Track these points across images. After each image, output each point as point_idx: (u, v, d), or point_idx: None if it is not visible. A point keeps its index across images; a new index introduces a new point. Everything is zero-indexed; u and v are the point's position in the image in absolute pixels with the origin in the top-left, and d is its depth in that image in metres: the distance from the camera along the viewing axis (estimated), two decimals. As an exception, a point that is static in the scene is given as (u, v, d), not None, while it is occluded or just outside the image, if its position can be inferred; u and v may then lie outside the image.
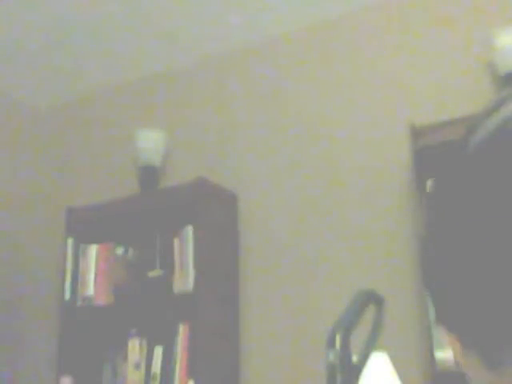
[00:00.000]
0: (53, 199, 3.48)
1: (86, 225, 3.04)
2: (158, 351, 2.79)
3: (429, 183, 2.41)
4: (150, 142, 3.11)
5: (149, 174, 3.08)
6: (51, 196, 3.49)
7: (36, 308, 3.33)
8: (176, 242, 2.81)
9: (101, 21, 3.03)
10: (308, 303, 2.74)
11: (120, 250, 2.98)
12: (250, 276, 2.89)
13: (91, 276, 2.94)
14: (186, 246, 2.77)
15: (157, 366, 2.77)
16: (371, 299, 1.01)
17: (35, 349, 3.27)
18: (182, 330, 2.75)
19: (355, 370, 0.94)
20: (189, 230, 2.78)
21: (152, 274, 2.86)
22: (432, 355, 2.19)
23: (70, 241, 3.00)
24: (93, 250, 2.99)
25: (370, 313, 2.58)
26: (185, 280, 2.71)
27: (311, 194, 2.86)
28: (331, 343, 0.92)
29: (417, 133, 2.39)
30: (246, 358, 2.80)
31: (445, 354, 2.18)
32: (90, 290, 2.92)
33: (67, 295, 2.93)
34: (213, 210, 2.83)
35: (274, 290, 2.82)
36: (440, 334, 2.20)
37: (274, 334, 2.77)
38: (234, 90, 3.19)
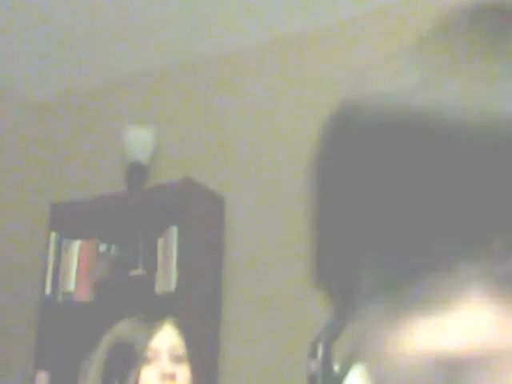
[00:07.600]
0: (38, 193, 3.47)
1: (69, 220, 3.04)
2: (137, 350, 2.79)
3: None
4: (139, 140, 3.11)
5: (136, 172, 3.08)
6: (36, 190, 3.48)
7: (16, 301, 3.32)
8: (160, 241, 2.81)
9: (94, 20, 3.04)
10: (292, 305, 2.75)
11: (103, 247, 2.97)
12: (233, 278, 2.90)
13: (73, 272, 2.94)
14: (170, 246, 2.77)
15: (135, 364, 2.77)
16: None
17: (13, 342, 3.26)
18: (162, 330, 2.75)
19: (336, 380, 0.94)
20: (173, 230, 2.78)
21: (134, 272, 2.86)
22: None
23: (53, 235, 2.99)
24: (76, 245, 2.98)
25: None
26: (167, 280, 2.72)
27: (298, 200, 2.87)
28: (313, 353, 0.93)
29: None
30: (225, 357, 2.82)
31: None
32: (71, 285, 2.92)
33: (48, 290, 2.93)
34: (199, 211, 2.83)
35: (258, 293, 2.83)
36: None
37: (256, 335, 2.79)
38: (224, 91, 3.20)
